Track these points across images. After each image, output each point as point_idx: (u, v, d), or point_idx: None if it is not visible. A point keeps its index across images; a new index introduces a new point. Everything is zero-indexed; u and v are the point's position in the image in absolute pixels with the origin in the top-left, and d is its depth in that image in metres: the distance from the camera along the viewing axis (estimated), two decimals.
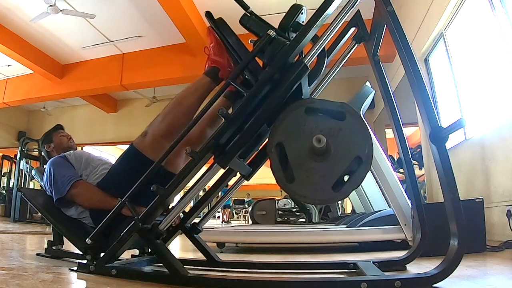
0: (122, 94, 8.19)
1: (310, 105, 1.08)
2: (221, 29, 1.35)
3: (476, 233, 1.79)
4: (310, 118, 1.06)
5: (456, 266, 0.94)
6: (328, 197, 1.04)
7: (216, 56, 1.47)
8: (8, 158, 8.01)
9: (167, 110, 1.54)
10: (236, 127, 1.15)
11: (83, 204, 1.57)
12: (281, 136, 1.06)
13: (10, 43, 5.54)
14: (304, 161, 1.04)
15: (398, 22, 1.12)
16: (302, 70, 1.09)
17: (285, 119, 1.07)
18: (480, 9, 2.75)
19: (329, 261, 1.70)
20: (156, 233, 1.22)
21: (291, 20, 1.24)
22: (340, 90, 5.98)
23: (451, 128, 0.96)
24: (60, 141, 1.96)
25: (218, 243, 2.49)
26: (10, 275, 1.14)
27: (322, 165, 1.03)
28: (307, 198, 1.06)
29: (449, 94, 3.44)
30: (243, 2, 1.29)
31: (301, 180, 1.04)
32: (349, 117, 1.05)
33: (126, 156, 1.55)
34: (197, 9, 4.93)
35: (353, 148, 1.03)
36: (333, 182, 1.02)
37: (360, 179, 1.02)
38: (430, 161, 3.89)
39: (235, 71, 1.23)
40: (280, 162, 1.05)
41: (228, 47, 1.36)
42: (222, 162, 1.15)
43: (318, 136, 1.00)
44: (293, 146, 1.05)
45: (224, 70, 1.47)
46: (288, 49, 1.10)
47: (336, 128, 1.04)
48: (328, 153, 1.02)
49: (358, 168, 1.02)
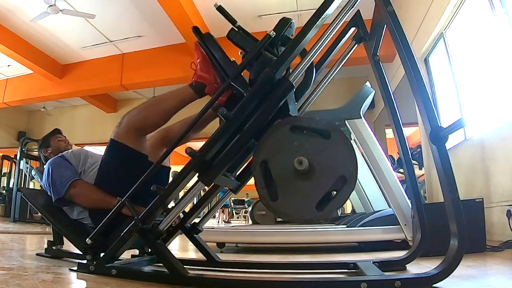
0: (122, 94, 8.19)
1: (296, 123, 1.07)
2: (208, 45, 1.34)
3: (476, 233, 1.79)
4: (295, 136, 1.05)
5: (456, 266, 0.94)
6: (312, 216, 1.03)
7: (203, 72, 1.46)
8: (8, 158, 8.01)
9: (144, 106, 1.58)
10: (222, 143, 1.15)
11: (82, 204, 1.57)
12: (265, 154, 1.06)
13: (10, 43, 5.54)
14: (288, 180, 1.03)
15: (398, 22, 1.12)
16: (287, 88, 1.09)
17: (270, 137, 1.07)
18: (480, 9, 2.75)
19: (329, 261, 1.70)
20: (156, 233, 1.22)
21: (280, 34, 1.23)
22: (340, 90, 5.98)
23: (451, 128, 0.96)
24: (57, 145, 1.98)
25: (218, 243, 2.49)
26: (10, 275, 1.14)
27: (306, 184, 1.03)
28: (290, 217, 1.05)
29: (449, 94, 3.44)
30: (230, 16, 1.28)
31: (285, 198, 1.04)
32: (335, 135, 1.04)
33: (109, 149, 1.57)
34: (197, 9, 4.93)
35: (337, 167, 1.03)
36: (317, 201, 1.02)
37: (344, 199, 1.02)
38: (430, 161, 3.89)
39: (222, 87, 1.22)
40: (264, 180, 1.05)
41: (214, 63, 1.36)
42: (205, 180, 1.15)
43: (299, 159, 1.00)
44: (278, 165, 1.05)
45: (210, 86, 1.46)
46: (274, 66, 1.10)
47: (321, 147, 1.04)
48: (312, 172, 1.02)
49: (342, 188, 1.01)
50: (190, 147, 1.13)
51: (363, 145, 2.29)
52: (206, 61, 1.42)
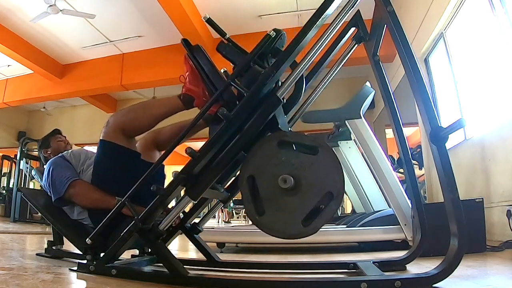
0: (122, 94, 8.19)
1: (283, 139, 1.07)
2: (197, 57, 1.34)
3: (476, 233, 1.79)
4: (282, 152, 1.05)
5: (456, 266, 0.94)
6: (298, 232, 1.02)
7: (192, 85, 1.45)
8: (8, 158, 8.00)
9: (132, 108, 1.60)
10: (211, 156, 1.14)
11: (81, 204, 1.58)
12: (253, 169, 1.06)
13: (10, 43, 5.54)
14: (274, 195, 1.03)
15: (398, 22, 1.12)
16: (275, 103, 1.09)
17: (257, 152, 1.07)
18: (480, 9, 2.75)
19: (329, 261, 1.70)
20: (156, 233, 1.22)
21: (270, 46, 1.23)
22: (340, 90, 5.98)
23: (451, 128, 0.96)
24: (57, 146, 1.99)
25: (218, 243, 2.49)
26: (10, 275, 1.14)
27: (292, 199, 1.03)
28: (276, 232, 1.04)
29: (449, 94, 3.44)
30: (220, 29, 1.27)
31: (271, 213, 1.04)
32: (322, 151, 1.04)
33: (99, 150, 1.58)
34: (197, 9, 4.93)
35: (324, 183, 1.02)
36: (303, 217, 1.02)
37: (330, 215, 1.02)
38: (430, 161, 3.89)
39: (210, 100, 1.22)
40: (251, 194, 1.05)
41: (203, 76, 1.35)
42: (192, 194, 1.15)
43: (284, 177, 1.00)
44: (264, 180, 1.05)
45: (199, 100, 1.45)
46: (262, 80, 1.10)
47: (308, 162, 1.03)
48: (299, 187, 1.02)
49: (329, 204, 1.01)
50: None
51: (363, 145, 2.29)
52: (195, 74, 1.41)
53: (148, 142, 1.70)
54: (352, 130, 2.37)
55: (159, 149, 1.73)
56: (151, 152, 1.69)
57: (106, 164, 1.56)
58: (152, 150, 1.70)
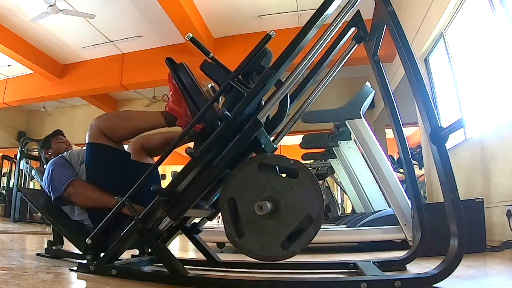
0: (122, 94, 8.19)
1: (264, 161, 1.07)
2: (181, 76, 1.32)
3: (476, 233, 1.79)
4: (262, 174, 1.06)
5: (456, 266, 0.94)
6: (276, 254, 1.03)
7: (174, 105, 1.44)
8: (8, 158, 8.00)
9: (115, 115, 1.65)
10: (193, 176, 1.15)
11: (80, 203, 1.58)
12: (233, 191, 1.07)
13: (10, 43, 5.54)
14: (254, 218, 1.03)
15: (398, 22, 1.12)
16: (255, 126, 1.10)
17: (238, 174, 1.08)
18: (480, 9, 2.75)
19: (329, 261, 1.70)
20: (156, 233, 1.22)
21: (255, 64, 1.23)
22: (340, 90, 5.98)
23: (451, 128, 0.96)
24: (58, 147, 1.99)
25: (218, 243, 2.49)
26: (10, 275, 1.14)
27: (271, 222, 1.03)
28: (254, 254, 1.05)
29: (449, 94, 3.44)
30: (204, 48, 1.26)
31: (251, 236, 1.04)
32: (302, 175, 1.04)
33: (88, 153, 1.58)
34: (197, 9, 4.93)
35: (303, 207, 1.03)
36: (282, 240, 1.02)
37: (309, 239, 1.02)
38: (430, 161, 3.89)
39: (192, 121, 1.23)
40: (231, 216, 1.06)
41: (185, 96, 1.34)
42: (172, 216, 1.15)
43: (260, 204, 1.00)
44: (244, 202, 1.05)
45: (181, 119, 1.45)
46: (243, 103, 1.11)
47: (288, 186, 1.04)
48: (278, 211, 1.02)
49: (308, 227, 1.02)
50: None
51: (363, 145, 2.29)
52: (178, 94, 1.40)
53: (137, 146, 1.72)
54: (352, 130, 2.37)
55: (149, 154, 1.75)
56: (141, 154, 1.71)
57: (97, 165, 1.56)
58: (141, 153, 1.71)
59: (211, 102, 1.18)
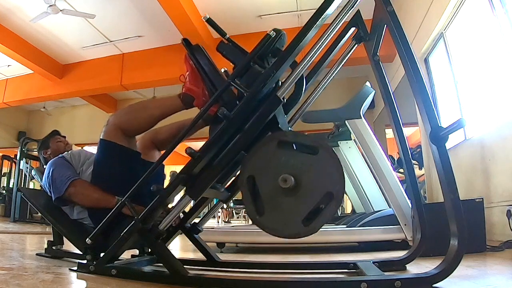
0: (122, 94, 8.19)
1: (283, 138, 1.07)
2: (197, 57, 1.34)
3: (476, 233, 1.79)
4: (282, 152, 1.05)
5: (456, 266, 0.94)
6: (298, 232, 1.02)
7: (192, 85, 1.45)
8: (8, 158, 8.00)
9: (131, 108, 1.61)
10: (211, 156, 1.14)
11: (81, 203, 1.58)
12: (252, 170, 1.06)
13: (10, 43, 5.54)
14: (274, 195, 1.03)
15: (398, 22, 1.12)
16: (274, 103, 1.09)
17: (257, 152, 1.07)
18: (480, 9, 2.75)
19: (329, 261, 1.70)
20: (156, 233, 1.22)
21: (270, 46, 1.23)
22: (340, 90, 5.98)
23: (451, 128, 0.96)
24: (57, 147, 1.99)
25: (218, 243, 2.49)
26: (10, 275, 1.14)
27: (292, 200, 1.02)
28: (276, 232, 1.04)
29: (449, 94, 3.44)
30: (220, 28, 1.27)
31: (271, 214, 1.04)
32: (322, 151, 1.03)
33: (99, 150, 1.58)
34: (197, 9, 4.93)
35: (324, 183, 1.02)
36: (303, 217, 1.02)
37: (331, 215, 1.02)
38: (430, 161, 3.89)
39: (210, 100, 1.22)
40: (251, 195, 1.05)
41: (203, 76, 1.35)
42: (193, 194, 1.15)
43: (284, 176, 1.00)
44: (264, 180, 1.05)
45: (199, 100, 1.46)
46: (261, 80, 1.10)
47: (308, 163, 1.03)
48: (298, 188, 1.02)
49: (329, 204, 1.01)
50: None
51: (363, 145, 2.29)
52: (195, 74, 1.42)
53: (147, 141, 1.71)
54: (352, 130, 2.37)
55: (158, 148, 1.74)
56: (151, 151, 1.70)
57: (106, 163, 1.56)
58: (151, 149, 1.71)
59: (231, 80, 1.16)
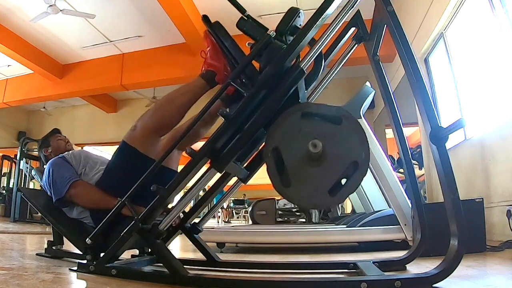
0: (122, 94, 8.19)
1: (307, 110, 1.07)
2: (217, 33, 1.34)
3: (476, 233, 1.79)
4: (306, 122, 1.05)
5: (456, 266, 0.94)
6: (325, 202, 1.04)
7: (213, 60, 1.46)
8: (8, 158, 8.00)
9: (157, 106, 1.57)
10: (233, 130, 1.15)
11: (82, 204, 1.57)
12: (277, 141, 1.06)
13: (10, 43, 5.54)
14: (300, 166, 1.03)
15: (398, 22, 1.12)
16: (298, 75, 1.09)
17: (281, 123, 1.07)
18: (480, 9, 2.75)
19: (329, 261, 1.70)
20: (156, 233, 1.22)
21: (288, 24, 1.23)
22: (340, 90, 5.98)
23: (451, 128, 0.96)
24: (57, 145, 1.97)
25: (218, 243, 2.49)
26: (10, 275, 1.14)
27: (318, 169, 1.02)
28: (303, 203, 1.06)
29: (449, 94, 3.44)
30: (239, 5, 1.28)
31: (298, 184, 1.04)
32: (346, 121, 1.04)
33: (119, 151, 1.55)
34: (197, 9, 4.93)
35: (349, 153, 1.02)
36: (330, 187, 1.02)
37: (356, 184, 1.02)
38: (430, 161, 3.89)
39: (232, 74, 1.23)
40: (276, 166, 1.05)
41: (224, 51, 1.36)
42: (218, 166, 1.15)
43: (314, 141, 1.00)
44: (290, 151, 1.05)
45: (220, 74, 1.45)
46: (285, 54, 1.10)
47: (332, 132, 1.04)
48: (324, 158, 1.02)
49: (355, 173, 1.01)
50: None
51: None
52: (216, 49, 1.42)
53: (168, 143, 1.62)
54: None
55: (179, 148, 1.67)
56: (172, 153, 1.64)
57: (121, 167, 1.53)
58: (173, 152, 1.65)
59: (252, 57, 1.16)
